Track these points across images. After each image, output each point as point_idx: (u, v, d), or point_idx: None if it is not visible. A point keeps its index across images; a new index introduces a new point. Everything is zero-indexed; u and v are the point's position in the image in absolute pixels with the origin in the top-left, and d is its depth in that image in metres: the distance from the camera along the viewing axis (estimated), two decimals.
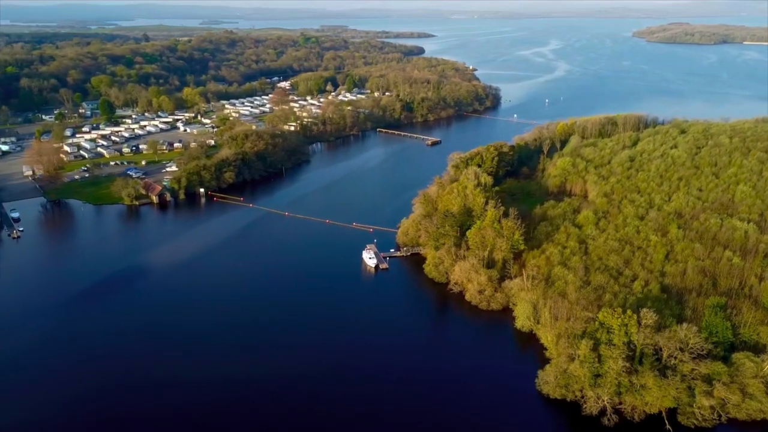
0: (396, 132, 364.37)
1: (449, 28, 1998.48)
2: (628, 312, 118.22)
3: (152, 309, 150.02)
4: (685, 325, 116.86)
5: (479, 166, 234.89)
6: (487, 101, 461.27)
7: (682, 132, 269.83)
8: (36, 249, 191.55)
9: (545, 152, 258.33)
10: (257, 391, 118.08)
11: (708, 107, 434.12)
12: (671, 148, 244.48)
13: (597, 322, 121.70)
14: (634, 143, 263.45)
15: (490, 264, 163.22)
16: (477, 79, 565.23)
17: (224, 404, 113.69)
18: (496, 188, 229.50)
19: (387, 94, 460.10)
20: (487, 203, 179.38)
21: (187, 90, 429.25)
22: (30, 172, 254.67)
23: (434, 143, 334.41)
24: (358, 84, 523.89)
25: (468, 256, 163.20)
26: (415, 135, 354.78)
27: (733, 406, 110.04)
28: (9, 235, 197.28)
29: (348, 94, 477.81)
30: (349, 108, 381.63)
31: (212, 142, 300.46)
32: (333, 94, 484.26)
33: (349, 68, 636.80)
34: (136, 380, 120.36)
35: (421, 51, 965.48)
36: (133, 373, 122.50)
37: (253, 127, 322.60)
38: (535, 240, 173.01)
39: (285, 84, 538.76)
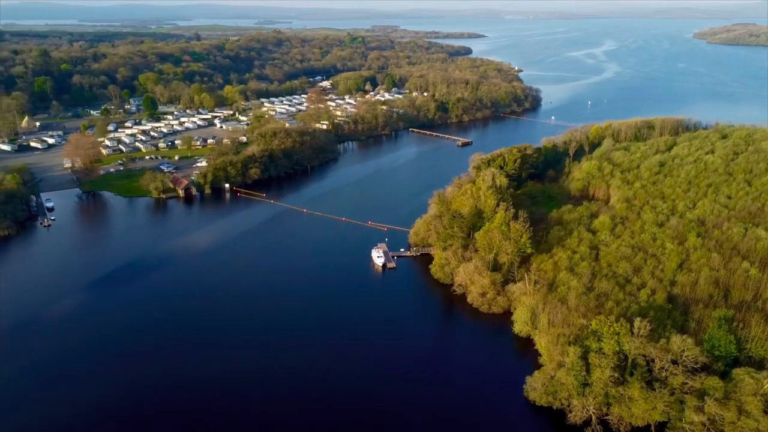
0: (428, 132, 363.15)
1: (502, 28, 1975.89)
2: (621, 320, 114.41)
3: (162, 300, 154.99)
4: (679, 336, 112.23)
5: (501, 167, 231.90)
6: (526, 102, 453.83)
7: (724, 137, 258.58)
8: (63, 237, 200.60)
9: (571, 155, 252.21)
10: (242, 383, 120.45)
11: (761, 112, 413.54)
12: (707, 153, 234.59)
13: (590, 330, 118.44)
14: (669, 148, 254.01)
15: (496, 267, 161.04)
16: (519, 80, 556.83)
17: (211, 397, 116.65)
18: (518, 191, 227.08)
19: (425, 94, 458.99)
20: (498, 205, 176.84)
21: (228, 88, 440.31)
22: (69, 165, 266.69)
23: (465, 144, 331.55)
24: (398, 84, 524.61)
25: (473, 258, 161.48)
26: (446, 135, 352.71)
27: (728, 424, 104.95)
28: (41, 224, 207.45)
29: (386, 94, 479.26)
30: (383, 107, 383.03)
31: (244, 139, 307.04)
32: (371, 93, 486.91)
33: (392, 68, 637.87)
34: (137, 369, 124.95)
35: (468, 51, 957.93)
36: (134, 360, 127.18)
37: (286, 125, 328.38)
38: (547, 244, 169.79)
39: (326, 83, 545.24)
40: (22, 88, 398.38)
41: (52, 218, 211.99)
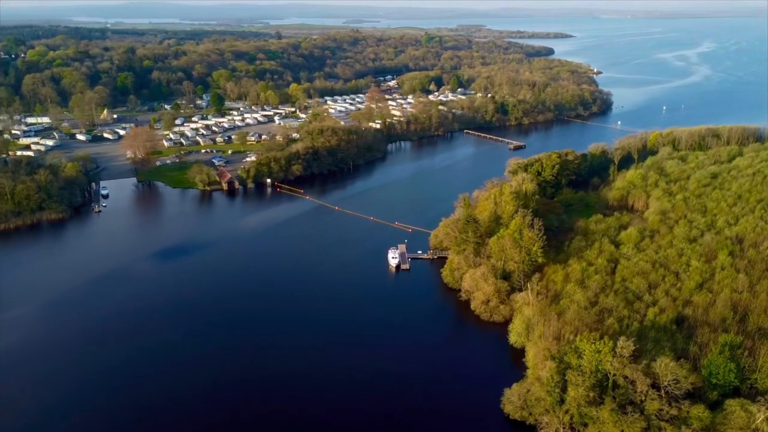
0: (482, 134, 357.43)
1: (594, 28, 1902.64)
2: (605, 338, 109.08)
3: (173, 287, 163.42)
4: (664, 358, 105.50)
5: (539, 173, 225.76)
6: (593, 106, 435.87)
7: None
8: (109, 222, 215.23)
9: (616, 163, 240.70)
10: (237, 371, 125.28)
11: None
12: None
13: (573, 346, 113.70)
14: (731, 158, 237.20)
15: (506, 275, 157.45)
16: (594, 82, 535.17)
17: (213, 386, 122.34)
18: (554, 198, 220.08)
19: (489, 95, 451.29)
20: (516, 212, 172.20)
21: (293, 86, 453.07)
22: (132, 155, 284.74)
23: (517, 147, 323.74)
24: (465, 84, 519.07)
25: (482, 265, 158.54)
26: (499, 138, 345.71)
27: None
28: (93, 209, 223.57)
29: (450, 94, 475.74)
30: (440, 107, 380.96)
31: (296, 136, 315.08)
32: (435, 93, 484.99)
33: (464, 68, 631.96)
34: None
35: (549, 52, 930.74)
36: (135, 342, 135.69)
37: (341, 123, 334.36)
38: (565, 254, 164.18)
39: (392, 82, 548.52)
40: (106, 82, 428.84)
41: (104, 205, 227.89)
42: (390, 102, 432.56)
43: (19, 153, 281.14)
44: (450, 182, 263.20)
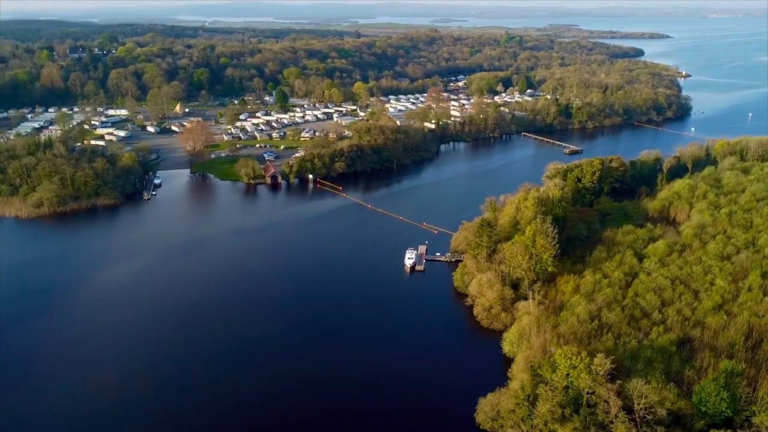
0: (539, 137, 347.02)
1: (697, 28, 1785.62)
2: (583, 354, 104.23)
3: (183, 277, 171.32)
4: (640, 380, 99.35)
5: (579, 179, 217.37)
6: (668, 111, 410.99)
7: None
8: (155, 209, 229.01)
9: (665, 171, 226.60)
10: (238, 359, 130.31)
11: None
12: None
13: (552, 359, 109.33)
14: None
15: (516, 282, 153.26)
16: (677, 86, 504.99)
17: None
18: (593, 206, 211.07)
19: (557, 97, 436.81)
20: (535, 218, 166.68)
21: (357, 84, 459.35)
22: (191, 148, 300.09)
23: (573, 152, 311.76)
24: (535, 85, 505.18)
25: (490, 270, 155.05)
26: (556, 142, 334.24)
27: None
28: (143, 198, 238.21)
29: (517, 96, 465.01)
30: (503, 109, 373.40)
31: (348, 133, 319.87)
32: (502, 94, 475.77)
33: (540, 69, 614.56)
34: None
35: (638, 53, 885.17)
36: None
37: (397, 122, 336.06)
38: (582, 264, 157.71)
39: (461, 83, 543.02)
40: (182, 78, 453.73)
41: (153, 193, 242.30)
42: (453, 102, 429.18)
43: (93, 142, 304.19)
44: (491, 185, 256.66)
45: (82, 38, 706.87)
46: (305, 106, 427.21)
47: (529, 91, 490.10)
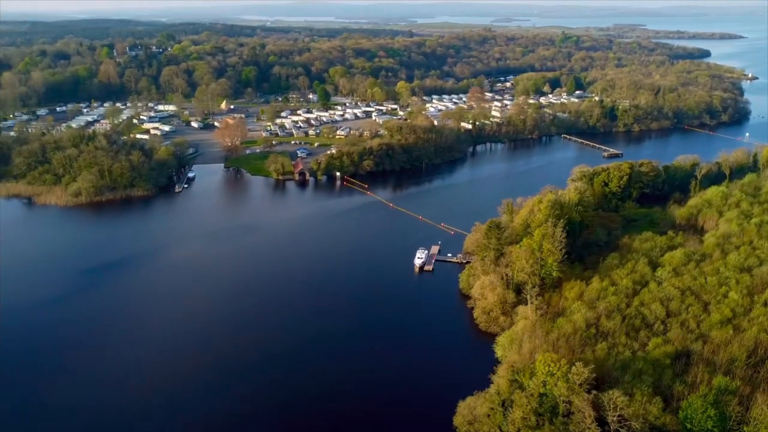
0: (578, 139, 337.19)
1: None
2: (562, 362, 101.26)
3: (210, 267, 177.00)
4: (617, 391, 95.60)
5: (605, 183, 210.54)
6: (723, 115, 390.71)
7: None
8: (185, 201, 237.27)
9: (698, 177, 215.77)
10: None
11: None
12: None
13: (534, 365, 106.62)
14: None
15: (520, 285, 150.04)
16: (739, 89, 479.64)
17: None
18: (618, 212, 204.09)
19: (605, 99, 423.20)
20: (547, 221, 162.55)
21: (400, 84, 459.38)
22: (229, 143, 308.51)
23: (612, 156, 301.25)
24: (585, 86, 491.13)
25: (493, 272, 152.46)
26: (596, 145, 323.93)
27: None
28: (174, 190, 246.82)
29: (564, 96, 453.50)
30: (545, 110, 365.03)
31: (382, 132, 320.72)
32: (549, 95, 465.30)
33: (594, 70, 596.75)
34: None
35: (704, 54, 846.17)
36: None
37: (434, 122, 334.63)
38: (592, 270, 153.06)
39: (509, 83, 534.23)
40: (231, 75, 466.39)
41: (185, 185, 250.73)
42: (496, 103, 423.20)
43: (138, 136, 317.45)
44: (518, 187, 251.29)
45: (146, 36, 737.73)
46: (346, 104, 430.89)
47: (577, 92, 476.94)
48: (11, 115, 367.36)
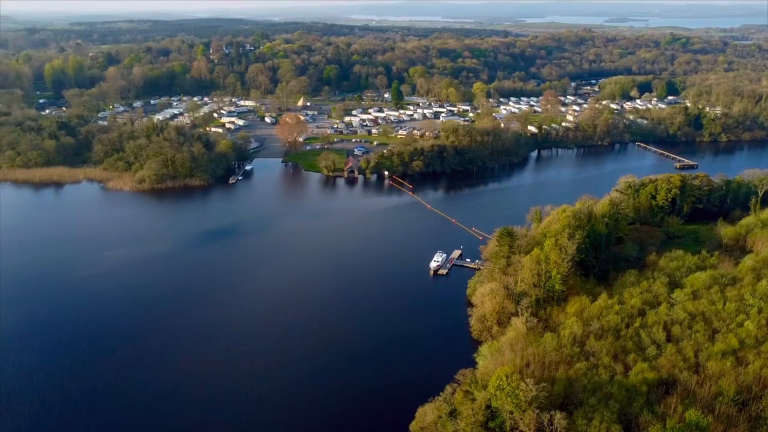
0: (653, 148, 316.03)
1: None
2: (514, 377, 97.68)
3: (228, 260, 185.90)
4: (561, 413, 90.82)
5: (652, 196, 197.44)
6: None
7: None
8: (236, 192, 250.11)
9: (760, 194, 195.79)
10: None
11: None
12: None
13: (493, 378, 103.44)
14: None
15: (521, 296, 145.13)
16: None
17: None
18: (659, 226, 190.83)
19: (699, 106, 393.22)
20: (563, 232, 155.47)
21: (476, 85, 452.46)
22: (292, 139, 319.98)
23: (685, 167, 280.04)
24: (679, 91, 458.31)
25: (495, 280, 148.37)
26: (671, 154, 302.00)
27: None
28: (229, 181, 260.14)
29: (654, 102, 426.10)
30: (626, 117, 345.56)
31: (441, 133, 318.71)
32: (636, 100, 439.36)
33: (700, 74, 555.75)
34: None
35: None
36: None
37: (501, 125, 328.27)
38: (602, 286, 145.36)
39: (596, 87, 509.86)
40: (312, 73, 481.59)
41: (239, 177, 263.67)
42: (575, 107, 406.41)
43: (214, 129, 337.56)
44: (565, 194, 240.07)
45: (249, 35, 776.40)
46: (420, 104, 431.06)
47: (669, 97, 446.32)
48: (111, 106, 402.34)
